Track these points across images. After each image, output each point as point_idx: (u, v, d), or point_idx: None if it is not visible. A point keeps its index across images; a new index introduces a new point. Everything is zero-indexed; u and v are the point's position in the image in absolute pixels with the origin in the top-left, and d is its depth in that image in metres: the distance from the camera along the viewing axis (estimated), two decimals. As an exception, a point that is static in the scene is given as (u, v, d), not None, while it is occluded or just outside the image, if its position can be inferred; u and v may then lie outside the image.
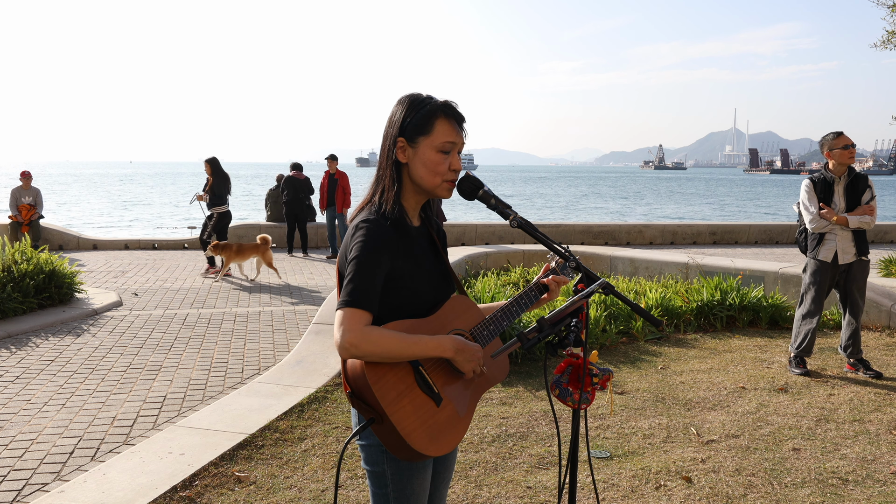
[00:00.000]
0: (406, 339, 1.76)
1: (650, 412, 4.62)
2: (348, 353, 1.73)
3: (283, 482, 3.59)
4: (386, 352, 1.73)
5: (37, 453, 4.08)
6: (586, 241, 15.18)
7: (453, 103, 1.92)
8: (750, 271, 7.96)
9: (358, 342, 1.71)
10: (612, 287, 1.89)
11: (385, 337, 1.73)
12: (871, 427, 4.39)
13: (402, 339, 1.76)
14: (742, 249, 14.70)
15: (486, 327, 1.96)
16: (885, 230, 16.59)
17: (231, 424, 4.27)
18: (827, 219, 5.32)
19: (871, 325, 6.90)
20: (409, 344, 1.76)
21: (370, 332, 1.73)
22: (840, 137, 5.36)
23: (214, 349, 6.42)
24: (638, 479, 3.64)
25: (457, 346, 1.83)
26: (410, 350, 1.76)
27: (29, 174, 12.90)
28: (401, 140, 1.88)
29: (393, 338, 1.74)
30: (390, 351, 1.74)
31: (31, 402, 4.96)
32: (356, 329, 1.72)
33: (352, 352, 1.72)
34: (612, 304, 6.60)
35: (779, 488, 3.56)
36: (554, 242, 2.01)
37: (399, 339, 1.75)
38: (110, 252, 13.55)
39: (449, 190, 1.92)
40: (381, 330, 1.75)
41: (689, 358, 5.94)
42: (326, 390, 4.93)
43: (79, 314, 7.58)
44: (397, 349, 1.74)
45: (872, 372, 5.42)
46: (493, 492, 3.50)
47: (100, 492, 3.40)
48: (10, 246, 8.18)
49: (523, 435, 4.21)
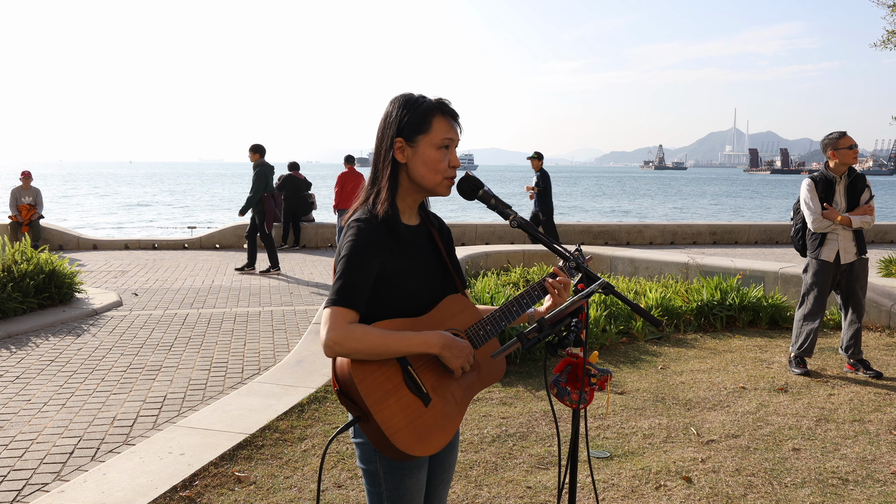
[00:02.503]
0: (390, 335, 1.76)
1: (650, 412, 4.62)
2: (332, 352, 1.73)
3: (283, 482, 3.59)
4: (370, 349, 1.73)
5: (37, 453, 4.08)
6: (586, 241, 15.17)
7: (447, 100, 1.93)
8: (750, 271, 7.96)
9: (341, 340, 1.71)
10: (612, 287, 1.89)
11: (369, 334, 1.74)
12: (871, 427, 4.39)
13: (386, 335, 1.76)
14: (742, 249, 14.70)
15: (483, 327, 1.95)
16: (885, 230, 16.59)
17: (231, 424, 4.27)
18: (831, 219, 5.32)
19: (871, 325, 6.89)
20: (394, 340, 1.76)
21: (354, 329, 1.73)
22: (844, 138, 5.35)
23: (214, 349, 6.42)
24: (638, 479, 3.64)
25: (444, 341, 1.82)
26: (395, 346, 1.76)
27: (29, 174, 12.91)
28: (399, 140, 1.88)
29: (377, 335, 1.74)
30: (374, 348, 1.74)
31: (31, 402, 4.96)
32: (340, 327, 1.72)
33: (336, 350, 1.72)
34: (612, 304, 6.59)
35: (779, 488, 3.56)
36: (554, 242, 2.01)
37: (383, 335, 1.75)
38: (110, 252, 13.55)
39: (448, 187, 1.93)
40: (365, 327, 1.75)
41: (689, 358, 5.94)
42: (326, 390, 4.93)
43: (79, 314, 7.58)
44: (381, 346, 1.74)
45: (872, 372, 5.42)
46: (493, 492, 3.50)
47: (100, 492, 3.40)
48: (10, 246, 8.18)
49: (523, 435, 4.21)
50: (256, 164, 10.68)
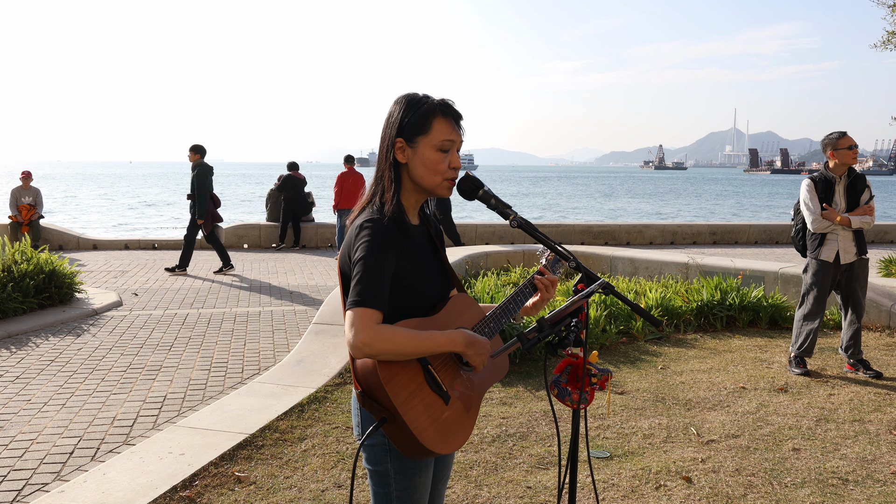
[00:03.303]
0: (417, 335, 1.76)
1: (650, 412, 4.62)
2: (361, 353, 1.71)
3: (283, 482, 3.59)
4: (399, 348, 1.73)
5: (37, 453, 4.08)
6: (586, 241, 15.17)
7: (450, 101, 1.92)
8: (750, 271, 7.96)
9: (371, 341, 1.70)
10: (612, 287, 1.89)
11: (397, 334, 1.73)
12: (871, 427, 4.39)
13: (414, 335, 1.76)
14: (742, 249, 14.70)
15: (488, 325, 1.97)
16: (885, 230, 16.59)
17: (231, 424, 4.27)
18: (830, 219, 5.32)
19: (871, 325, 6.89)
20: (421, 340, 1.76)
21: (382, 329, 1.72)
22: (845, 138, 5.35)
23: (214, 349, 6.42)
24: (638, 479, 3.64)
25: (468, 339, 1.83)
26: (423, 346, 1.76)
27: (29, 174, 12.91)
28: (399, 140, 1.88)
29: (405, 335, 1.74)
30: (403, 347, 1.73)
31: (31, 402, 4.96)
32: (368, 328, 1.71)
33: (365, 351, 1.71)
34: (612, 304, 6.59)
35: (779, 488, 3.56)
36: (554, 242, 2.02)
37: (411, 335, 1.75)
38: (110, 252, 13.55)
39: (449, 188, 1.92)
40: (392, 328, 1.74)
41: (689, 358, 5.94)
42: (326, 390, 4.93)
43: (79, 314, 7.58)
44: (409, 346, 1.74)
45: (872, 372, 5.42)
46: (493, 492, 3.50)
47: (100, 492, 3.40)
48: (10, 246, 8.18)
49: (523, 435, 4.21)
50: (196, 164, 10.54)
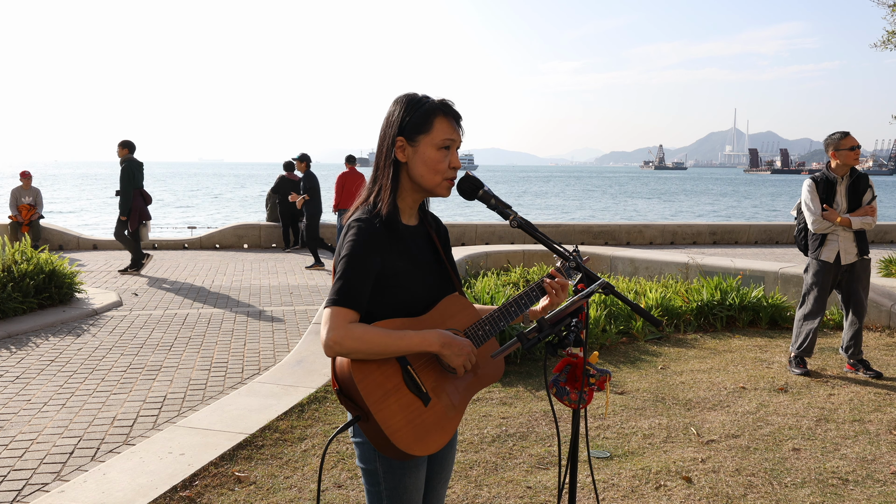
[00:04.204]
0: (390, 334, 1.77)
1: (650, 412, 4.62)
2: (332, 351, 1.74)
3: (283, 482, 3.59)
4: (369, 348, 1.74)
5: (37, 453, 4.08)
6: (586, 241, 15.17)
7: (450, 101, 1.93)
8: (750, 271, 7.96)
9: (341, 339, 1.72)
10: (612, 287, 1.89)
11: (368, 333, 1.74)
12: (871, 427, 4.39)
13: (386, 335, 1.76)
14: (742, 249, 14.70)
15: (482, 327, 1.96)
16: (885, 230, 16.59)
17: (231, 424, 4.27)
18: (830, 220, 5.31)
19: (871, 325, 6.89)
20: (394, 339, 1.76)
21: (353, 328, 1.73)
22: (847, 138, 5.34)
23: (214, 349, 6.42)
24: (638, 479, 3.64)
25: (443, 340, 1.82)
26: (395, 345, 1.76)
27: (29, 174, 12.90)
28: (400, 139, 1.88)
29: (376, 334, 1.75)
30: (374, 347, 1.74)
31: (31, 402, 4.96)
32: (340, 326, 1.73)
33: (336, 349, 1.73)
34: (612, 304, 6.59)
35: (779, 488, 3.56)
36: (554, 242, 2.01)
37: (383, 335, 1.76)
38: (110, 252, 13.54)
39: (448, 188, 1.93)
40: (364, 326, 1.75)
41: (689, 358, 5.94)
42: (326, 390, 4.93)
43: (79, 314, 7.58)
44: (381, 345, 1.75)
45: (872, 372, 5.42)
46: (493, 492, 3.50)
47: (100, 492, 3.40)
48: (10, 246, 8.18)
49: (523, 435, 4.21)
50: (124, 159, 10.38)
